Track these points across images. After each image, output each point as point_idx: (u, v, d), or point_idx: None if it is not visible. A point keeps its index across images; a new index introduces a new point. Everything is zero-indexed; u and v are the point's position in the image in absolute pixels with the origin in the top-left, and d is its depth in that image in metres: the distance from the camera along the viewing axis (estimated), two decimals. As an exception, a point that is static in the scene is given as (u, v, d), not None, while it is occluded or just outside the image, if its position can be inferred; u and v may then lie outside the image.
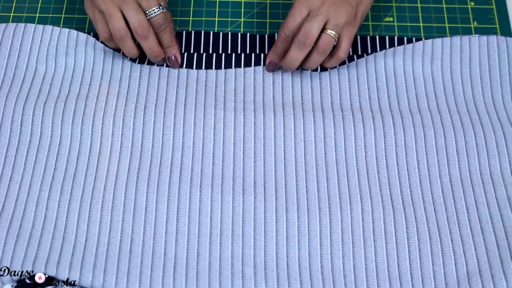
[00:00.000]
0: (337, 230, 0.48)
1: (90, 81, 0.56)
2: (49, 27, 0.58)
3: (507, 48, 0.56)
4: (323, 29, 0.52)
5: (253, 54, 0.58)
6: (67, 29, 0.59)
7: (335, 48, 0.54)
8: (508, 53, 0.57)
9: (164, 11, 0.54)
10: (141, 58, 0.58)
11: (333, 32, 0.52)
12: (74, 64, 0.57)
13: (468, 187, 0.51)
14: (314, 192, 0.50)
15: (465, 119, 0.54)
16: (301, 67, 0.56)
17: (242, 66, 0.57)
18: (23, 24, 0.55)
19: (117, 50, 0.57)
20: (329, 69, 0.57)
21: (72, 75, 0.56)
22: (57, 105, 0.53)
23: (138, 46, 0.56)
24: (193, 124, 0.53)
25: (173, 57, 0.56)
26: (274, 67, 0.56)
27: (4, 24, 0.57)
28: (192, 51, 0.59)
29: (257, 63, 0.57)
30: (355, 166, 0.52)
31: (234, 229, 0.48)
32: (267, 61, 0.56)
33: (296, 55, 0.53)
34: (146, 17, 0.53)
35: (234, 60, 0.57)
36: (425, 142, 0.53)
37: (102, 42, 0.57)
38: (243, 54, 0.58)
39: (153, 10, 0.53)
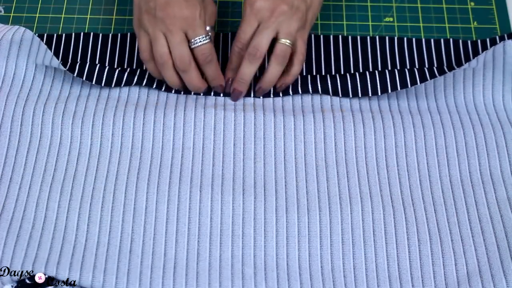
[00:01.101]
0: (337, 230, 0.48)
1: (91, 83, 0.56)
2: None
3: None
4: (276, 39, 0.52)
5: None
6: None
7: (292, 56, 0.53)
8: None
9: (208, 40, 0.52)
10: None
11: (288, 41, 0.51)
12: None
13: (468, 187, 0.51)
14: (314, 193, 0.50)
15: (465, 119, 0.54)
16: (259, 85, 0.54)
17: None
18: (23, 29, 0.55)
19: (157, 78, 0.55)
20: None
21: (72, 77, 0.56)
22: (58, 106, 0.53)
23: None
24: (193, 124, 0.53)
25: (218, 87, 0.55)
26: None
27: (5, 26, 0.57)
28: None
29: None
30: (355, 167, 0.52)
31: (234, 230, 0.48)
32: (225, 79, 0.55)
33: (247, 69, 0.52)
34: (190, 45, 0.51)
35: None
36: (425, 143, 0.53)
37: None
38: None
39: (198, 39, 0.51)
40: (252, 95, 0.56)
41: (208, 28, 0.53)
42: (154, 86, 0.55)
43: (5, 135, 0.52)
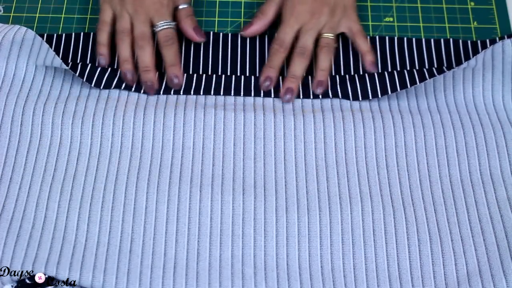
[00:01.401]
0: (337, 230, 0.48)
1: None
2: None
3: None
4: (320, 35, 0.56)
5: (252, 78, 0.57)
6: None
7: (354, 37, 0.58)
8: None
9: (173, 27, 0.56)
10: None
11: (330, 35, 0.56)
12: None
13: (468, 187, 0.51)
14: (314, 193, 0.50)
15: (465, 119, 0.54)
16: (315, 78, 0.56)
17: (242, 94, 0.56)
18: (25, 28, 0.55)
19: (100, 51, 0.57)
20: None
21: (72, 77, 0.56)
22: (57, 106, 0.53)
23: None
24: (193, 124, 0.53)
25: (174, 77, 0.55)
26: (271, 84, 0.56)
27: (6, 26, 0.57)
28: (192, 52, 0.59)
29: (257, 93, 0.56)
30: (355, 167, 0.52)
31: (234, 229, 0.48)
32: (263, 76, 0.56)
33: (297, 66, 0.55)
34: (154, 29, 0.55)
35: (234, 87, 0.56)
36: (425, 143, 0.53)
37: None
38: (242, 78, 0.57)
39: (163, 22, 0.55)
40: (271, 95, 0.56)
41: (185, 6, 0.58)
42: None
43: (5, 135, 0.52)
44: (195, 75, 0.57)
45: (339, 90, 0.56)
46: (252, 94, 0.56)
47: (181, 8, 0.58)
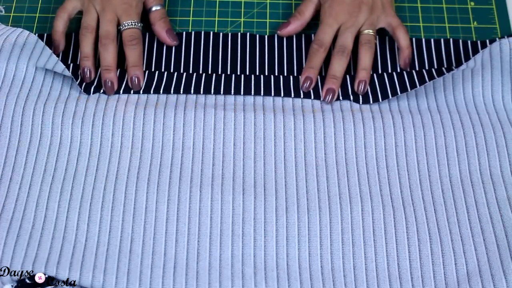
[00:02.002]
0: (337, 230, 0.48)
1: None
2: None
3: (511, 51, 0.55)
4: (359, 33, 0.57)
5: (252, 77, 0.57)
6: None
7: (394, 33, 0.58)
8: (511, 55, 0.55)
9: (139, 28, 0.56)
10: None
11: (370, 31, 0.57)
12: None
13: (468, 187, 0.51)
14: (314, 192, 0.50)
15: (465, 119, 0.54)
16: (357, 77, 0.55)
17: (242, 92, 0.56)
18: (27, 32, 0.55)
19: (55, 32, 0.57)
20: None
21: (72, 78, 0.56)
22: (57, 106, 0.53)
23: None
24: (193, 124, 0.53)
25: (135, 78, 0.55)
26: (311, 85, 0.56)
27: (9, 28, 0.56)
28: (192, 52, 0.59)
29: (257, 92, 0.56)
30: (355, 166, 0.52)
31: (234, 229, 0.48)
32: (303, 77, 0.56)
33: (337, 66, 0.55)
34: (120, 28, 0.55)
35: (234, 85, 0.56)
36: (425, 142, 0.53)
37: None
38: (242, 76, 0.57)
39: (129, 22, 0.55)
40: (251, 93, 0.56)
41: (158, 7, 0.58)
42: (152, 91, 0.55)
43: (5, 135, 0.52)
44: (195, 74, 0.57)
45: (340, 92, 0.56)
46: (252, 93, 0.56)
47: (154, 10, 0.58)
